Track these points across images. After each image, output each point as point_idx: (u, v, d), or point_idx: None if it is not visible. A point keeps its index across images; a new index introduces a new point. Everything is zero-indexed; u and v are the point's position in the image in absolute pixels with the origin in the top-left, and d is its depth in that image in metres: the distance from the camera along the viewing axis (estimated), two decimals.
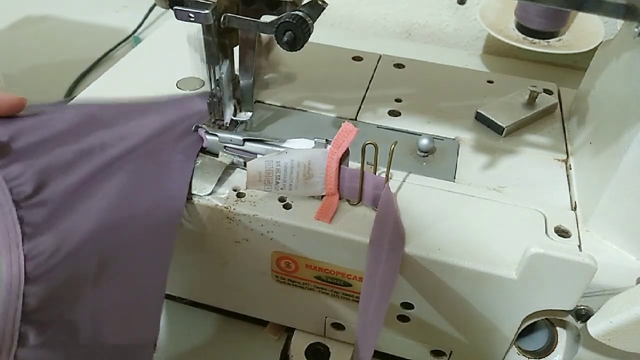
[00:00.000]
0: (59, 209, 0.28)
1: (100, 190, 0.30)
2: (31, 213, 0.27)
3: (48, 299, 0.25)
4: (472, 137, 0.42)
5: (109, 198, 0.29)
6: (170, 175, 0.32)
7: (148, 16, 0.83)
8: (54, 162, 0.30)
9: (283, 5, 0.37)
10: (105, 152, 0.32)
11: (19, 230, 0.26)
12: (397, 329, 0.38)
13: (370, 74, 0.49)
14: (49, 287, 0.25)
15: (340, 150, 0.34)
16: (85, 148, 0.31)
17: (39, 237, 0.26)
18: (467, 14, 0.78)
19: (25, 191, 0.28)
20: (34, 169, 0.29)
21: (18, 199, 0.27)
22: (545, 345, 0.38)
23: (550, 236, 0.34)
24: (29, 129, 0.31)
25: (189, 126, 0.37)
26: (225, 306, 0.43)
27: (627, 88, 0.34)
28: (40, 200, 0.28)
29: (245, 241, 0.36)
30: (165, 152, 0.33)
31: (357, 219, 0.35)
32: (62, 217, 0.28)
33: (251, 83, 0.41)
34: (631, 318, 0.29)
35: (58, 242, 0.27)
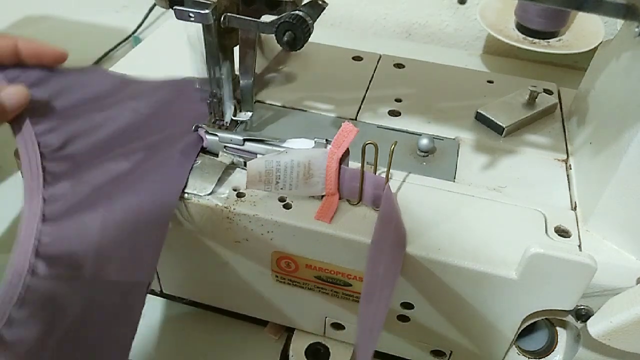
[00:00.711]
0: (79, 165, 0.32)
1: (111, 162, 0.33)
2: (54, 164, 0.31)
3: (58, 237, 0.28)
4: (472, 137, 0.42)
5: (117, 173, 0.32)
6: (168, 172, 0.34)
7: (148, 16, 0.83)
8: (82, 124, 0.34)
9: (283, 5, 0.37)
10: (119, 120, 0.35)
11: (41, 178, 0.30)
12: (397, 329, 0.38)
13: (370, 74, 0.49)
14: (60, 228, 0.28)
15: (340, 150, 0.34)
16: (107, 115, 0.35)
17: (57, 185, 0.30)
18: (467, 14, 0.78)
19: (52, 145, 0.32)
20: (64, 128, 0.33)
21: (45, 151, 0.31)
22: (545, 345, 0.38)
23: (550, 236, 0.34)
24: (65, 90, 0.35)
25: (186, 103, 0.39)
26: (225, 306, 0.43)
27: (627, 88, 0.34)
28: (64, 155, 0.32)
29: (245, 241, 0.36)
30: (167, 149, 0.35)
31: (357, 219, 0.35)
32: (80, 171, 0.32)
33: (251, 83, 0.41)
34: (631, 318, 0.29)
35: (73, 191, 0.30)
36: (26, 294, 0.26)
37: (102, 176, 0.32)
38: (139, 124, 0.36)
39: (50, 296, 0.27)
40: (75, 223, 0.29)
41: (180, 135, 0.36)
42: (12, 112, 0.32)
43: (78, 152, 0.33)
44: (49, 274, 0.27)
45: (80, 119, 0.34)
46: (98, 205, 0.30)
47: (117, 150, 0.34)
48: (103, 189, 0.31)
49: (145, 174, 0.33)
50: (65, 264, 0.28)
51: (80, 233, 0.29)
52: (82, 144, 0.33)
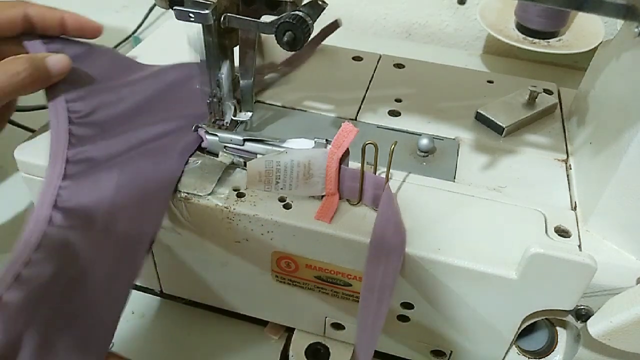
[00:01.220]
0: (102, 131, 0.36)
1: (130, 131, 0.37)
2: (79, 129, 0.35)
3: (76, 193, 0.32)
4: (472, 137, 0.42)
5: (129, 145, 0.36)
6: (177, 143, 0.37)
7: (148, 16, 0.83)
8: (107, 96, 0.38)
9: (283, 5, 0.37)
10: (139, 95, 0.40)
11: (66, 139, 0.34)
12: (397, 329, 0.38)
13: (370, 74, 0.49)
14: (78, 184, 0.32)
15: (340, 150, 0.34)
16: (129, 89, 0.40)
17: (80, 148, 0.34)
18: (467, 14, 0.78)
19: (80, 112, 0.36)
20: (92, 98, 0.37)
21: (72, 117, 0.36)
22: (545, 345, 0.38)
23: (550, 236, 0.34)
24: (96, 66, 0.40)
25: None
26: (225, 306, 0.43)
27: (627, 88, 0.34)
28: (89, 121, 0.36)
29: (245, 241, 0.36)
30: (177, 123, 0.39)
31: (357, 219, 0.35)
32: (102, 137, 0.36)
33: (251, 83, 0.41)
34: (631, 318, 0.29)
35: (94, 154, 0.34)
36: (43, 240, 0.30)
37: (121, 143, 0.35)
38: (155, 100, 0.40)
39: (63, 243, 0.30)
40: (92, 181, 0.33)
41: (189, 113, 0.40)
42: (55, 77, 0.36)
43: (102, 121, 0.37)
44: (64, 224, 0.31)
45: (106, 92, 0.38)
46: (114, 167, 0.34)
47: (136, 121, 0.38)
48: (120, 153, 0.35)
49: (157, 143, 0.36)
50: (79, 216, 0.31)
51: (96, 190, 0.32)
52: (106, 113, 0.37)
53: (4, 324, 0.26)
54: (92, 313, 0.29)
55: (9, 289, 0.27)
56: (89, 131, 0.36)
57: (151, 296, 0.46)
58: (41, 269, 0.28)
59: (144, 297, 0.46)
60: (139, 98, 0.39)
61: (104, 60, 0.41)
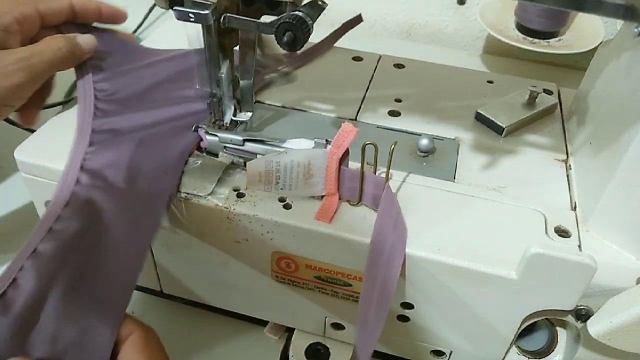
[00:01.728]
0: (124, 107, 0.40)
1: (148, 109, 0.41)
2: (104, 104, 0.40)
3: (100, 157, 0.36)
4: (472, 137, 0.42)
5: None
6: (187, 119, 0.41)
7: (148, 16, 0.83)
8: (130, 77, 0.42)
9: (283, 5, 0.37)
10: (157, 76, 0.44)
11: (92, 112, 0.39)
12: (397, 329, 0.38)
13: (370, 74, 0.49)
14: (103, 150, 0.36)
15: (340, 150, 0.34)
16: (148, 71, 0.44)
17: (104, 119, 0.39)
18: (467, 14, 0.78)
19: (105, 90, 0.41)
20: (117, 78, 0.42)
21: (98, 94, 0.40)
22: (545, 345, 0.38)
23: (550, 236, 0.34)
24: (121, 51, 0.44)
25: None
26: (225, 306, 0.43)
27: (627, 88, 0.34)
28: (113, 99, 0.40)
29: (245, 241, 0.36)
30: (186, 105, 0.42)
31: (357, 219, 0.35)
32: (123, 112, 0.40)
33: (251, 83, 0.41)
34: (631, 318, 0.29)
35: (116, 125, 0.38)
36: (71, 198, 0.33)
37: (142, 117, 0.40)
38: (175, 80, 0.44)
39: (89, 200, 0.33)
40: (115, 147, 0.37)
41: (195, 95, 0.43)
42: (86, 54, 0.41)
43: (125, 98, 0.41)
44: (90, 184, 0.34)
45: (129, 73, 0.43)
46: (135, 135, 0.38)
47: (157, 99, 0.42)
48: (142, 126, 0.39)
49: (177, 120, 0.40)
50: (103, 177, 0.35)
51: (118, 154, 0.36)
52: (129, 91, 0.42)
53: (37, 271, 0.29)
54: (115, 267, 0.31)
55: (42, 241, 0.30)
56: (113, 107, 0.40)
57: (151, 296, 0.46)
58: (69, 223, 0.32)
59: (144, 297, 0.46)
60: (160, 78, 0.44)
61: (126, 45, 0.46)
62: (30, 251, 0.30)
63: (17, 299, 0.28)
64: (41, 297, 0.28)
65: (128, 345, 0.29)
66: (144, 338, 0.29)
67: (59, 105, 0.60)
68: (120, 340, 0.29)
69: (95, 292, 0.30)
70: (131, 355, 0.28)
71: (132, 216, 0.33)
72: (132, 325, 0.30)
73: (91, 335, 0.28)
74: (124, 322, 0.29)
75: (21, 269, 0.29)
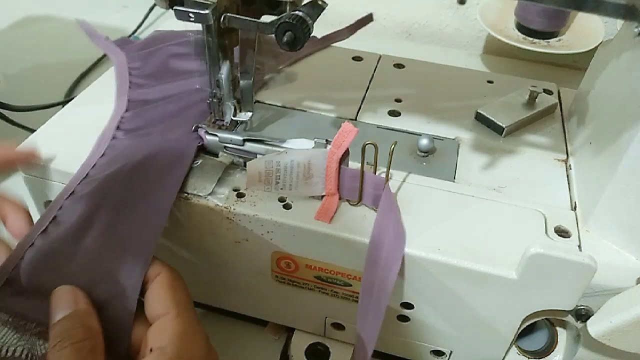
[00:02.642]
0: (152, 80, 0.46)
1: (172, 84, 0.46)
2: (137, 79, 0.46)
3: (135, 119, 0.41)
4: (472, 137, 0.42)
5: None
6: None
7: (148, 16, 0.83)
8: (154, 56, 0.48)
9: (283, 5, 0.37)
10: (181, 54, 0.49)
11: (128, 86, 0.44)
12: (397, 329, 0.38)
13: (370, 74, 0.49)
14: (137, 114, 0.41)
15: (340, 150, 0.34)
16: (175, 47, 0.49)
17: (137, 91, 0.44)
18: (467, 14, 0.78)
19: (137, 68, 0.47)
20: (144, 57, 0.48)
21: (132, 71, 0.46)
22: (545, 345, 0.38)
23: (550, 236, 0.34)
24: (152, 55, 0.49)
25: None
26: (225, 306, 0.43)
27: (627, 88, 0.34)
28: (143, 74, 0.46)
29: (245, 241, 0.36)
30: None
31: (357, 219, 0.35)
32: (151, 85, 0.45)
33: (251, 83, 0.41)
34: (631, 318, 0.29)
35: (148, 96, 0.43)
36: (107, 150, 0.38)
37: (166, 90, 0.44)
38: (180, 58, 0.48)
39: (122, 151, 0.37)
40: (147, 111, 0.42)
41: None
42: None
43: (151, 74, 0.46)
44: (124, 138, 0.39)
45: (157, 52, 0.49)
46: (162, 103, 0.43)
47: (182, 74, 0.46)
48: (166, 95, 0.44)
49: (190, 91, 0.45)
50: (137, 132, 0.40)
51: (150, 118, 0.41)
52: (153, 68, 0.47)
53: (75, 210, 0.33)
54: (145, 210, 0.33)
55: (79, 184, 0.35)
56: (144, 81, 0.45)
57: None
58: (105, 170, 0.35)
59: None
60: (177, 52, 0.48)
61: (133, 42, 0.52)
62: (68, 192, 0.34)
63: (58, 233, 0.31)
64: (79, 233, 0.31)
65: (155, 284, 0.30)
66: (170, 278, 0.31)
67: (58, 105, 0.61)
68: (149, 280, 0.30)
69: (128, 232, 0.32)
70: (158, 293, 0.30)
71: (160, 166, 0.36)
72: (159, 267, 0.31)
73: (123, 270, 0.30)
74: (152, 263, 0.31)
75: (60, 208, 0.33)
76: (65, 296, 0.28)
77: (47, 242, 0.31)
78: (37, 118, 0.45)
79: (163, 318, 0.29)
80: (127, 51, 0.49)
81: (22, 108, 0.56)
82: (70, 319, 0.28)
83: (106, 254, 0.31)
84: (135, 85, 0.45)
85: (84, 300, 0.29)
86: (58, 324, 0.27)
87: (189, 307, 0.30)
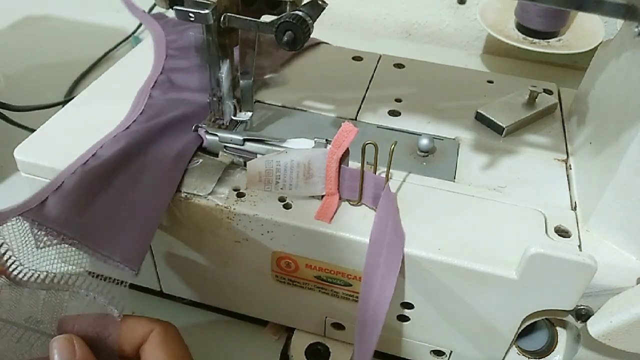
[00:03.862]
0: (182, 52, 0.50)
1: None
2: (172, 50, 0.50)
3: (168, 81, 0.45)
4: (472, 137, 0.42)
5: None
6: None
7: None
8: (182, 32, 0.52)
9: (283, 5, 0.37)
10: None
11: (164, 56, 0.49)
12: (397, 329, 0.38)
13: (370, 74, 0.49)
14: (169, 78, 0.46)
15: (340, 150, 0.34)
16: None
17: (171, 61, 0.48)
18: (467, 14, 0.78)
19: (173, 41, 0.51)
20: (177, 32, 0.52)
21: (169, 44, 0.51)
22: (545, 345, 0.38)
23: (550, 236, 0.34)
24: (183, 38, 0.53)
25: None
26: (225, 306, 0.43)
27: (627, 88, 0.34)
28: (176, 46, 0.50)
29: (245, 241, 0.36)
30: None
31: (357, 219, 0.35)
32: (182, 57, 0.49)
33: (251, 83, 0.41)
34: (631, 318, 0.29)
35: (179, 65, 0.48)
36: (145, 108, 0.42)
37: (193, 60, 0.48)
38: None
39: (161, 104, 0.42)
40: (180, 74, 0.46)
41: None
42: None
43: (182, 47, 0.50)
44: (160, 97, 0.43)
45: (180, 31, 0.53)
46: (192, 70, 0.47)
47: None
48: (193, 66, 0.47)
49: None
50: (172, 90, 0.44)
51: (182, 79, 0.45)
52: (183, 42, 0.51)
53: (112, 149, 0.36)
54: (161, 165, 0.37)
55: (119, 133, 0.38)
56: (176, 53, 0.50)
57: (151, 296, 0.46)
58: (140, 126, 0.39)
59: (144, 297, 0.46)
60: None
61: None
62: (112, 136, 0.38)
63: (95, 164, 0.35)
64: (111, 169, 0.35)
65: (149, 343, 0.30)
66: (163, 334, 0.30)
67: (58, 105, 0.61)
68: (143, 340, 0.30)
69: (146, 184, 0.35)
70: (151, 352, 0.30)
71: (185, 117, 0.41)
72: (151, 324, 0.31)
73: (134, 220, 0.34)
74: (143, 322, 0.31)
75: (101, 147, 0.37)
76: (65, 346, 0.29)
77: (86, 170, 0.35)
78: (37, 118, 0.45)
79: None
80: (163, 25, 0.53)
81: (22, 108, 0.56)
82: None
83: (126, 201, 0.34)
84: (170, 57, 0.49)
85: (83, 349, 0.29)
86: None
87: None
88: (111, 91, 0.45)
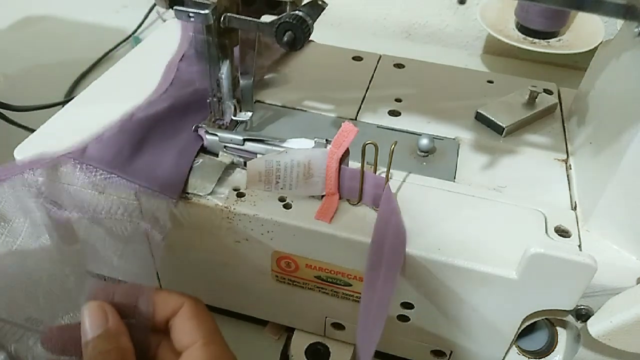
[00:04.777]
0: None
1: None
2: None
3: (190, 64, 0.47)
4: (472, 137, 0.42)
5: None
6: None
7: (148, 16, 0.83)
8: None
9: (283, 5, 0.37)
10: None
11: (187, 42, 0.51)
12: (397, 329, 0.38)
13: (370, 74, 0.49)
14: (188, 63, 0.48)
15: (340, 150, 0.34)
16: None
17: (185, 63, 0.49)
18: (467, 14, 0.78)
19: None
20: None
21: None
22: (545, 345, 0.38)
23: (550, 236, 0.34)
24: None
25: None
26: (225, 306, 0.43)
27: (627, 88, 0.34)
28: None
29: (245, 241, 0.36)
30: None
31: (357, 219, 0.35)
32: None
33: (251, 83, 0.41)
34: (631, 318, 0.29)
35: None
36: (174, 80, 0.45)
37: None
38: None
39: (186, 81, 0.45)
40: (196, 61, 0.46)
41: None
42: None
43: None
44: (186, 69, 0.46)
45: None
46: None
47: None
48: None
49: None
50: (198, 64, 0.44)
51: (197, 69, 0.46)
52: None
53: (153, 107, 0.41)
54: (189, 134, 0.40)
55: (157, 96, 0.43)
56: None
57: None
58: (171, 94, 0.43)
59: None
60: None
61: None
62: (151, 100, 0.42)
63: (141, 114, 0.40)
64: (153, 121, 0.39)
65: (180, 316, 0.30)
66: (194, 308, 0.31)
67: (58, 105, 0.61)
68: (173, 313, 0.30)
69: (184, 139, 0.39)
70: (183, 324, 0.30)
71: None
72: (182, 298, 0.31)
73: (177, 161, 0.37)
74: (174, 296, 0.31)
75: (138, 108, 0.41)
76: (97, 313, 0.29)
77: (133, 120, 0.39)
78: (37, 118, 0.45)
79: (191, 348, 0.29)
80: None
81: (22, 108, 0.56)
82: (103, 340, 0.28)
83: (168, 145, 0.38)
84: (184, 57, 0.52)
85: (114, 318, 0.29)
86: (91, 343, 0.28)
87: (216, 334, 0.30)
88: (111, 91, 0.45)
